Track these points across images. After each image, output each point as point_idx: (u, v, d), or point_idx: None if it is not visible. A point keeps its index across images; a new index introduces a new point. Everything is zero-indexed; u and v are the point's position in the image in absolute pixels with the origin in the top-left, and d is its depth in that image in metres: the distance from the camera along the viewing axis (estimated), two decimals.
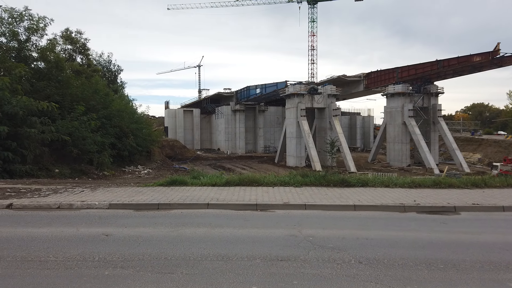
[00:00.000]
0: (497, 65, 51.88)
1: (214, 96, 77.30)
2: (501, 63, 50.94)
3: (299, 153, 57.97)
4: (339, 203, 11.02)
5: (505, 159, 41.06)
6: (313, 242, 7.30)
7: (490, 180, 14.15)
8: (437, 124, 58.55)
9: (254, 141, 73.81)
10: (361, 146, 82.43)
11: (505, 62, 50.12)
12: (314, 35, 78.91)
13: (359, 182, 13.69)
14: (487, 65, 51.88)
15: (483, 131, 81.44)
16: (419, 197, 11.83)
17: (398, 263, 6.22)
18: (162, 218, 9.26)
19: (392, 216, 10.05)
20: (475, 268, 6.05)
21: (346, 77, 65.30)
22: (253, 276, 5.57)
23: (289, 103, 58.19)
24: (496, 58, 47.85)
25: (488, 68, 54.38)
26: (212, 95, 78.83)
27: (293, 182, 13.59)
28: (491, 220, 9.75)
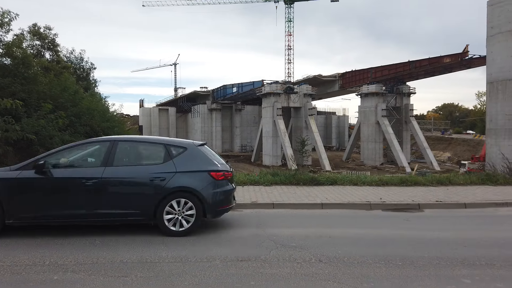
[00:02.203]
0: (466, 66, 53.62)
1: (190, 94, 76.56)
2: (469, 64, 52.68)
3: (275, 152, 58.21)
4: (307, 201, 11.03)
5: (472, 157, 42.50)
6: (276, 241, 7.24)
7: (454, 178, 14.52)
8: (409, 124, 60.01)
9: (230, 140, 73.64)
10: (336, 145, 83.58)
11: (474, 63, 51.85)
12: (291, 35, 79.29)
13: (328, 180, 13.77)
14: (456, 66, 53.55)
15: (453, 131, 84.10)
16: (385, 195, 12.00)
17: (358, 260, 6.23)
18: None
19: (358, 214, 10.14)
20: (432, 264, 6.13)
21: (321, 77, 66.03)
22: (210, 277, 5.45)
23: (266, 102, 58.35)
24: (465, 60, 49.43)
25: (458, 69, 56.13)
26: (188, 94, 78.04)
27: (263, 181, 13.54)
28: (453, 217, 9.97)
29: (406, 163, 53.83)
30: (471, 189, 13.41)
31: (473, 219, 9.78)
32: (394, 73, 56.38)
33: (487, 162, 30.72)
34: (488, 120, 30.41)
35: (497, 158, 29.83)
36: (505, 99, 28.42)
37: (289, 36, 79.62)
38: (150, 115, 77.78)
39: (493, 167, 17.17)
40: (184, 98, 78.94)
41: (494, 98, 29.39)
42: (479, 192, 12.76)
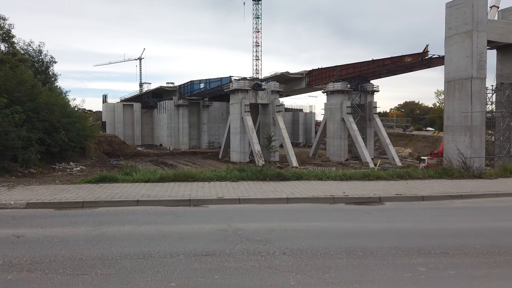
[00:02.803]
0: (426, 66, 55.68)
1: (156, 90, 74.90)
2: (429, 64, 54.73)
3: (243, 149, 58.18)
4: (273, 196, 11.14)
5: (431, 153, 44.37)
6: (241, 236, 7.27)
7: (413, 172, 15.14)
8: (372, 121, 61.71)
9: (198, 137, 72.83)
10: (303, 142, 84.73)
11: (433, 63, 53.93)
12: (259, 32, 79.44)
13: (294, 175, 13.97)
14: (417, 65, 55.47)
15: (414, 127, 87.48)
16: (348, 189, 12.32)
17: (321, 252, 6.38)
18: (85, 217, 8.71)
19: (322, 208, 10.36)
20: (390, 254, 6.38)
21: (289, 74, 66.58)
22: (174, 273, 5.40)
23: (233, 99, 58.12)
24: (425, 59, 51.26)
25: (419, 68, 58.18)
26: (154, 89, 76.32)
27: (229, 177, 13.53)
28: (411, 209, 10.41)
29: (369, 158, 55.38)
30: (429, 182, 14.03)
31: (429, 211, 10.25)
32: (359, 72, 57.74)
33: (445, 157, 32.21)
34: (445, 118, 31.82)
35: (453, 153, 31.37)
36: (461, 97, 29.86)
37: (257, 33, 79.79)
38: (114, 110, 75.49)
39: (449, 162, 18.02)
40: (149, 93, 77.14)
41: (451, 96, 30.80)
42: (436, 186, 13.37)
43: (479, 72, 29.16)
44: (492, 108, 32.93)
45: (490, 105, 32.45)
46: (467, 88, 29.50)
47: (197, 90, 65.05)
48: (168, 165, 49.25)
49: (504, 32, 30.61)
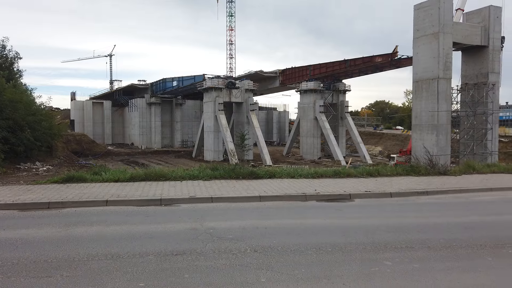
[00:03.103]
0: (396, 66, 57.21)
1: (127, 87, 73.18)
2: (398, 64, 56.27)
3: (217, 147, 57.94)
4: (245, 194, 11.16)
5: (400, 151, 45.66)
6: (212, 234, 7.25)
7: (383, 170, 15.55)
8: (344, 120, 62.87)
9: (171, 136, 71.83)
10: (277, 140, 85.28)
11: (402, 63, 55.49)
12: (232, 30, 79.23)
13: (267, 174, 14.05)
14: (387, 65, 56.94)
15: (384, 126, 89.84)
16: (320, 187, 12.51)
17: (291, 249, 6.46)
18: (50, 218, 8.44)
19: (294, 205, 10.47)
20: (358, 249, 6.53)
21: (263, 73, 66.77)
22: (143, 273, 5.32)
23: (207, 97, 57.74)
24: (394, 60, 52.67)
25: (388, 68, 59.70)
26: (125, 87, 74.54)
27: (202, 176, 13.45)
28: (380, 205, 10.70)
29: (341, 157, 56.44)
30: (397, 179, 14.46)
31: (397, 207, 10.58)
32: (331, 71, 58.69)
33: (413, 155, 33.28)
34: (413, 117, 32.87)
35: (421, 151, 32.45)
36: (429, 97, 30.92)
37: (230, 31, 79.55)
38: (83, 108, 73.25)
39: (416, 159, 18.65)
40: (120, 91, 75.30)
41: (419, 96, 31.85)
42: (404, 182, 13.80)
43: (445, 72, 30.27)
44: (457, 108, 34.27)
45: (456, 104, 33.76)
46: (434, 88, 30.57)
47: (169, 88, 64.16)
48: (140, 165, 48.39)
49: (468, 34, 31.92)
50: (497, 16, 32.29)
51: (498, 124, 34.11)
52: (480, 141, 32.36)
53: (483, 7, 32.60)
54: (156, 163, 49.61)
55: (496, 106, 32.28)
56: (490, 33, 31.97)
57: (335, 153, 57.36)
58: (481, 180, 14.68)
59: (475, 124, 32.55)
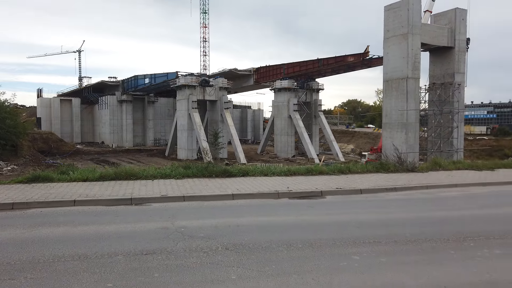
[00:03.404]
0: (367, 66, 58.43)
1: (97, 84, 71.17)
2: (370, 64, 57.51)
3: (191, 146, 57.41)
4: (218, 193, 11.13)
5: (371, 149, 46.79)
6: (184, 233, 7.20)
7: (353, 167, 15.89)
8: (318, 118, 63.70)
9: (143, 134, 70.50)
10: (251, 139, 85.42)
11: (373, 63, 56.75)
12: (206, 27, 78.55)
13: (240, 172, 14.06)
14: (359, 65, 58.06)
15: (356, 125, 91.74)
16: (292, 184, 12.64)
17: (263, 246, 6.50)
18: (15, 219, 8.12)
19: (266, 203, 10.53)
20: (328, 245, 6.66)
21: (237, 71, 66.65)
22: (111, 273, 5.22)
23: (180, 95, 57.07)
24: (366, 59, 53.79)
25: (360, 68, 60.91)
26: (95, 84, 72.46)
27: (174, 174, 13.29)
28: (350, 202, 10.94)
29: (315, 155, 57.21)
30: (367, 176, 14.81)
31: (366, 203, 10.83)
32: (305, 70, 59.32)
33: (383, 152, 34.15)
34: (384, 115, 33.65)
35: (391, 149, 33.32)
36: (398, 96, 31.75)
37: (204, 28, 78.84)
38: (51, 106, 70.64)
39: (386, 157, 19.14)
40: (90, 88, 73.08)
41: (389, 95, 32.65)
42: (374, 179, 14.15)
43: (413, 72, 31.16)
44: (425, 107, 35.40)
45: (424, 103, 34.85)
46: (403, 87, 31.41)
47: (141, 85, 62.93)
48: (111, 164, 47.21)
49: (436, 35, 32.98)
50: (462, 19, 33.54)
51: (463, 123, 35.46)
52: (446, 139, 33.56)
53: (450, 10, 33.78)
54: (128, 162, 48.60)
55: (461, 105, 33.55)
56: (456, 34, 33.16)
57: (308, 151, 58.05)
58: (446, 177, 15.25)
59: (442, 122, 33.73)
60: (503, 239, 7.35)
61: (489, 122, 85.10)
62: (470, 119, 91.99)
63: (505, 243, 7.03)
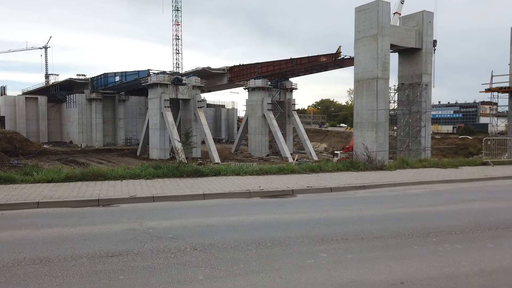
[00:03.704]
0: (339, 66, 59.43)
1: (65, 82, 68.82)
2: (342, 64, 58.52)
3: (163, 145, 56.60)
4: (189, 193, 11.04)
5: (343, 147, 47.66)
6: (152, 234, 7.09)
7: (324, 166, 16.14)
8: (291, 117, 64.26)
9: (113, 133, 68.85)
10: (225, 138, 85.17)
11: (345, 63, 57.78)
12: (179, 25, 77.60)
13: (212, 171, 13.99)
14: (331, 65, 58.97)
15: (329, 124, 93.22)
16: (264, 183, 12.70)
17: (232, 245, 6.50)
18: None
19: (237, 202, 10.53)
20: (296, 243, 6.73)
21: (210, 70, 66.22)
22: (74, 276, 5.07)
23: (152, 93, 56.14)
24: (338, 60, 54.69)
25: (333, 68, 61.88)
26: (63, 81, 70.04)
27: (144, 175, 13.06)
28: (320, 200, 11.09)
29: (289, 154, 57.68)
30: (338, 175, 15.07)
31: (336, 201, 11.03)
32: (278, 69, 59.69)
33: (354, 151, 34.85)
34: (355, 115, 34.35)
35: (362, 148, 34.10)
36: (369, 96, 32.47)
37: (177, 26, 77.89)
38: (15, 104, 67.73)
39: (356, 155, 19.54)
40: (57, 86, 70.53)
41: (360, 95, 33.34)
42: (344, 178, 14.42)
43: (383, 73, 31.95)
44: (395, 106, 36.40)
45: (393, 103, 35.82)
46: (373, 88, 32.16)
47: (111, 83, 61.45)
48: (80, 164, 45.92)
49: (404, 37, 33.95)
50: (429, 21, 34.69)
51: (431, 122, 36.69)
52: (415, 138, 34.64)
53: (417, 12, 34.86)
54: (98, 162, 47.38)
55: (429, 105, 34.71)
56: (423, 36, 34.26)
57: (282, 150, 58.47)
58: (413, 174, 15.74)
59: (410, 122, 34.79)
60: (464, 234, 7.65)
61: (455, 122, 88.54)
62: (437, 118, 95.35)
63: (465, 238, 7.32)
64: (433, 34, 35.23)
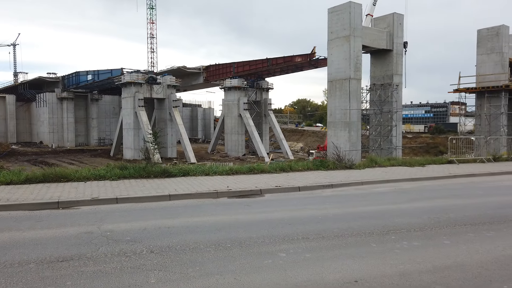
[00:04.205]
0: (314, 66, 60.01)
1: (34, 80, 66.50)
2: (317, 64, 59.09)
3: (137, 145, 55.51)
4: (154, 194, 10.82)
5: (318, 147, 48.14)
6: (109, 237, 6.89)
7: (295, 165, 16.20)
8: (268, 117, 64.43)
9: (86, 133, 67.15)
10: (202, 137, 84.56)
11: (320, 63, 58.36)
12: (154, 23, 76.55)
13: (181, 171, 13.80)
14: (306, 65, 59.46)
15: (305, 123, 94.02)
16: (233, 183, 12.62)
17: (190, 247, 6.39)
18: None
19: (204, 203, 10.40)
20: (257, 243, 6.69)
21: (186, 69, 65.56)
22: (18, 284, 4.85)
23: (126, 92, 55.05)
24: (313, 60, 55.16)
25: (308, 68, 62.42)
26: (32, 80, 67.66)
27: (110, 176, 12.74)
28: (288, 199, 11.10)
29: (265, 153, 57.79)
30: (307, 174, 15.17)
31: (303, 200, 11.07)
32: (254, 69, 59.70)
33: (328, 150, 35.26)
34: (328, 114, 34.73)
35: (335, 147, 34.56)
36: (341, 96, 32.89)
37: (151, 24, 76.79)
38: None
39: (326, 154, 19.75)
40: (26, 84, 68.04)
41: (333, 95, 33.73)
42: (312, 177, 14.51)
43: (355, 73, 32.43)
44: (367, 106, 37.04)
45: (365, 103, 36.43)
46: (346, 88, 32.60)
47: (84, 82, 59.86)
48: (49, 165, 44.49)
49: (376, 38, 34.57)
50: (400, 23, 35.47)
51: (401, 122, 37.55)
52: (386, 137, 35.35)
53: (388, 14, 35.57)
54: (69, 163, 46.11)
55: (399, 105, 35.49)
56: (394, 38, 34.99)
57: (259, 149, 58.53)
58: (381, 173, 16.02)
59: (382, 121, 35.47)
60: (423, 231, 7.81)
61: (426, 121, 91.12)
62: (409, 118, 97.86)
63: (424, 235, 7.47)
64: (404, 36, 36.04)
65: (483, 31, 36.45)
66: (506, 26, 35.45)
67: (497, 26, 35.51)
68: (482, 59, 36.22)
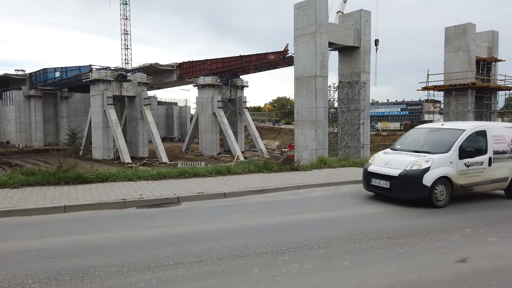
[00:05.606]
0: (288, 64, 58.97)
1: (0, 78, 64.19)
2: (290, 62, 57.97)
3: (107, 145, 53.89)
4: (48, 205, 9.49)
5: (290, 145, 47.23)
6: None
7: (234, 168, 15.08)
8: (243, 115, 63.30)
9: (56, 132, 64.94)
10: (178, 136, 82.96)
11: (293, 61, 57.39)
12: (127, 19, 74.50)
13: (99, 177, 12.52)
14: (280, 63, 58.47)
15: (284, 121, 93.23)
16: (152, 190, 11.41)
17: (23, 278, 5.18)
18: None
19: (102, 215, 9.18)
20: (110, 273, 5.51)
21: (159, 66, 63.91)
22: None
23: (94, 90, 53.22)
24: (286, 57, 54.18)
25: (282, 66, 61.39)
26: None
27: (12, 183, 11.37)
28: (204, 209, 9.95)
29: (240, 152, 56.68)
30: (244, 178, 14.04)
31: (221, 209, 9.92)
32: (228, 66, 58.42)
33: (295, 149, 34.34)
34: (296, 112, 33.80)
35: (303, 145, 33.63)
36: (308, 94, 31.97)
37: (125, 20, 74.73)
38: None
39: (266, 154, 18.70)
40: None
41: (300, 93, 32.78)
42: (249, 181, 13.38)
43: (322, 71, 31.52)
44: (335, 104, 36.21)
45: (333, 101, 35.59)
46: (312, 85, 31.68)
47: (51, 79, 57.77)
48: (13, 166, 42.57)
49: (342, 35, 33.70)
50: (367, 20, 34.63)
51: (369, 120, 36.80)
52: (354, 135, 34.58)
53: (355, 11, 34.71)
54: (34, 164, 44.08)
55: (367, 103, 34.73)
56: (361, 35, 34.16)
57: (233, 148, 57.39)
58: (326, 175, 15.00)
59: (349, 119, 34.68)
60: (328, 247, 6.80)
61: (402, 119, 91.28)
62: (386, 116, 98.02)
63: (324, 254, 6.43)
64: (371, 33, 35.24)
65: (450, 29, 35.97)
66: (473, 24, 35.01)
67: (464, 24, 35.06)
68: (449, 57, 35.75)
